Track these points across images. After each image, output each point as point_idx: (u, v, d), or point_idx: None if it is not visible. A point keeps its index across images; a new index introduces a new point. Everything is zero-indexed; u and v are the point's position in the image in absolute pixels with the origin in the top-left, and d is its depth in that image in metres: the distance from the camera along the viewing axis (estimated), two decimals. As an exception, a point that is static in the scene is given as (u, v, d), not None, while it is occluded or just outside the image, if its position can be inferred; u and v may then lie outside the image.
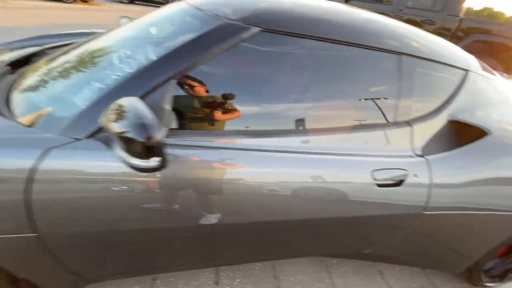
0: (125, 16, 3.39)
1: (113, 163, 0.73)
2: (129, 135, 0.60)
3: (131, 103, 0.63)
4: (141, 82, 0.78)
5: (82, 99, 0.80)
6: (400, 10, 4.47)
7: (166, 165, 0.67)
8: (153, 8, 12.55)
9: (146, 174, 0.74)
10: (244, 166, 0.85)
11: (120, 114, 0.61)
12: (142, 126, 0.60)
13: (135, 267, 0.98)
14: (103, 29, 2.21)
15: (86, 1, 10.55)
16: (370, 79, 1.01)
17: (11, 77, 1.15)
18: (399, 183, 0.98)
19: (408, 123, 1.05)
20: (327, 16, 0.99)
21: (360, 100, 1.01)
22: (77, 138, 0.74)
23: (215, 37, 0.83)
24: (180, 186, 0.80)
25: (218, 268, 1.38)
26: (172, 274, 1.31)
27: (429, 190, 1.01)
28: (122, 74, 0.81)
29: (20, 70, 1.22)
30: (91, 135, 0.75)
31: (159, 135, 0.62)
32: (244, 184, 0.85)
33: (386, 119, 1.02)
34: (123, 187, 0.75)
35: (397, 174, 0.97)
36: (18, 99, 0.91)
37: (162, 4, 13.55)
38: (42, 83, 0.94)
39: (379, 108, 1.01)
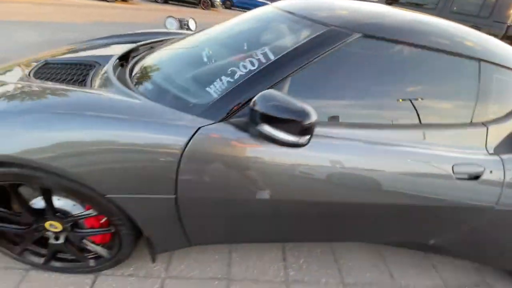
0: (171, 16, 3.64)
1: (240, 142, 0.89)
2: (290, 117, 0.76)
3: (282, 94, 0.79)
4: (265, 78, 0.93)
5: (213, 90, 0.97)
6: (444, 16, 4.42)
7: (309, 142, 0.82)
8: (185, 7, 13.02)
9: (266, 150, 0.90)
10: (335, 153, 0.97)
11: (272, 102, 0.77)
12: (304, 111, 0.76)
13: (234, 235, 1.15)
14: (163, 29, 2.43)
15: (126, 0, 11.16)
16: (453, 83, 1.11)
17: (122, 69, 1.35)
18: (475, 177, 1.07)
19: (484, 124, 1.14)
20: (418, 24, 1.10)
21: (443, 100, 1.12)
22: (212, 122, 0.91)
23: (325, 41, 0.97)
24: (286, 166, 0.94)
25: (284, 248, 1.53)
26: (246, 248, 1.48)
27: (502, 186, 1.10)
28: (246, 70, 0.97)
29: (128, 63, 1.42)
30: (222, 120, 0.92)
31: (315, 117, 0.77)
32: (328, 167, 0.96)
33: (465, 119, 1.12)
34: (247, 161, 0.91)
35: (475, 169, 1.07)
36: (150, 87, 1.10)
37: (194, 4, 13.97)
38: (170, 73, 1.13)
39: (460, 109, 1.12)
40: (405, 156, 1.01)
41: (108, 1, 10.42)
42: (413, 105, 1.07)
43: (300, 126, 0.76)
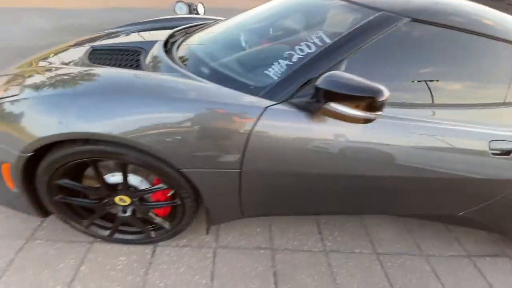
0: (180, 1, 3.60)
1: (302, 121, 0.98)
2: (365, 94, 0.84)
3: (349, 74, 0.87)
4: (323, 60, 1.01)
5: (272, 73, 1.05)
6: (456, -1, 4.39)
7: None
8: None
9: (326, 128, 0.99)
10: (385, 132, 1.06)
11: (343, 81, 0.85)
12: (377, 88, 0.83)
13: (284, 208, 1.25)
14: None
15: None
16: (490, 66, 1.19)
17: (168, 54, 1.41)
18: (507, 153, 1.17)
19: (515, 103, 1.23)
20: (461, 9, 1.17)
21: (481, 82, 1.20)
22: (276, 102, 0.99)
23: (377, 25, 1.04)
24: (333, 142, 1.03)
25: (318, 222, 1.65)
26: (284, 222, 1.60)
27: (531, 161, 1.20)
28: (303, 54, 1.04)
29: (171, 49, 1.47)
30: (284, 100, 1.00)
31: (388, 93, 0.85)
32: (376, 144, 1.05)
33: (499, 99, 1.21)
34: (309, 138, 0.99)
35: (508, 146, 1.16)
36: (206, 71, 1.17)
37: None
38: (223, 58, 1.20)
39: (495, 89, 1.20)
40: (447, 133, 1.10)
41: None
42: (454, 86, 1.15)
43: (373, 103, 0.84)
